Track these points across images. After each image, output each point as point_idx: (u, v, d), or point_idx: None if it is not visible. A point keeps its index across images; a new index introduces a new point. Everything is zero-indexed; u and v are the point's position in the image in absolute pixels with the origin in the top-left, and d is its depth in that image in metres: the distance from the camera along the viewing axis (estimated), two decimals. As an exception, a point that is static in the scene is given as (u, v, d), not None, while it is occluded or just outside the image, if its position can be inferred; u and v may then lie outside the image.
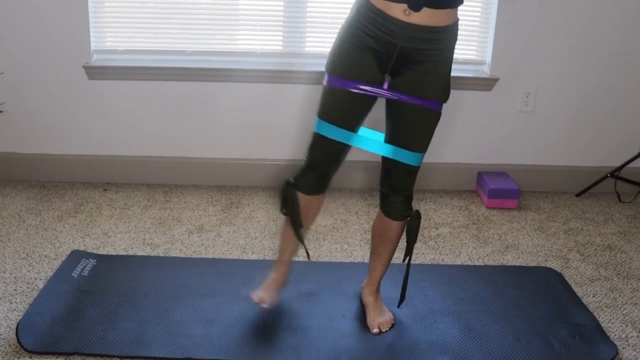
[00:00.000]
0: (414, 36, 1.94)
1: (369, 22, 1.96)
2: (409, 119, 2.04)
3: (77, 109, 3.42)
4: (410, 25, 1.92)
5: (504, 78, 3.43)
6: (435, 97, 2.03)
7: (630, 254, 2.92)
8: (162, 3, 3.36)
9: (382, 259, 2.30)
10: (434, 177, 3.57)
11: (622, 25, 3.37)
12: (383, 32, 1.95)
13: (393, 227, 2.21)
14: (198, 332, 2.20)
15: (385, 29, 1.94)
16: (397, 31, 1.93)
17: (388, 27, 1.94)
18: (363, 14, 1.97)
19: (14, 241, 2.82)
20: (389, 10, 1.92)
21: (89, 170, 3.50)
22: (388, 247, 2.26)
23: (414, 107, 2.02)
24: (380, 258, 2.30)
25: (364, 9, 1.97)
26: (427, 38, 1.94)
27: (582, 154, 3.60)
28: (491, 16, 3.37)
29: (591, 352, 2.16)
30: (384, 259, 2.29)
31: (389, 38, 1.95)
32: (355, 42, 1.99)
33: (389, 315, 2.31)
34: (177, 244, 2.86)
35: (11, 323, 2.22)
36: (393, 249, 2.27)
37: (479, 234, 3.06)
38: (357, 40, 1.99)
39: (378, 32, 1.95)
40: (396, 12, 1.91)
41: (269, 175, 3.50)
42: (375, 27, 1.95)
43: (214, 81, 3.39)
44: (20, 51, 3.31)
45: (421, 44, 1.95)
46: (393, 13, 1.92)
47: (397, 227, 2.21)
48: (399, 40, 1.94)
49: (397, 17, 1.92)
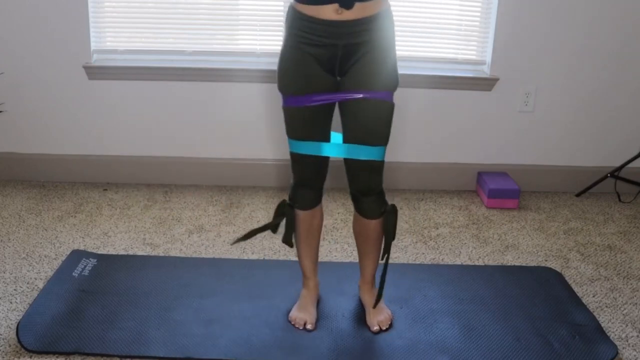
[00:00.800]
0: (352, 31, 1.95)
1: (305, 31, 1.97)
2: (364, 114, 2.03)
3: (77, 109, 3.42)
4: (345, 22, 1.93)
5: (504, 78, 3.43)
6: (384, 87, 2.02)
7: (630, 254, 2.92)
8: (162, 3, 3.36)
9: (370, 256, 2.29)
10: (434, 177, 3.57)
11: (623, 25, 3.37)
12: (321, 36, 1.96)
13: (372, 226, 2.20)
14: (198, 331, 2.20)
15: (324, 33, 1.95)
16: (334, 32, 1.95)
17: (325, 31, 1.95)
18: (297, 25, 1.99)
19: (14, 241, 2.82)
20: (320, 15, 1.93)
21: (89, 170, 3.50)
22: (372, 245, 2.25)
23: (365, 101, 2.01)
24: (368, 256, 2.29)
25: (297, 21, 1.98)
26: (363, 30, 1.95)
27: (582, 154, 3.60)
28: (491, 16, 3.37)
29: (591, 352, 2.16)
30: (371, 256, 2.29)
31: (328, 41, 1.96)
32: (297, 56, 2.00)
33: (388, 312, 2.31)
34: (177, 244, 2.86)
35: (11, 323, 2.22)
36: (378, 244, 2.26)
37: (479, 234, 3.06)
38: (299, 54, 2.00)
39: (317, 38, 1.96)
40: (328, 14, 1.92)
41: (268, 175, 3.50)
42: (312, 34, 1.97)
43: (214, 81, 3.39)
44: (20, 51, 3.31)
45: (360, 37, 1.96)
46: (325, 16, 1.93)
47: (375, 226, 2.20)
48: (338, 40, 1.96)
49: (331, 19, 1.93)
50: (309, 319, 2.26)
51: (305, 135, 2.08)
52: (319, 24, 1.95)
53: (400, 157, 3.52)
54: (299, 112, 2.06)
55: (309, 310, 2.29)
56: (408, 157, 3.54)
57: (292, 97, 2.05)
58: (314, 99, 2.03)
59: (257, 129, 3.47)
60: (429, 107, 3.47)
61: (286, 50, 2.04)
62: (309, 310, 2.29)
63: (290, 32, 2.02)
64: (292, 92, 2.05)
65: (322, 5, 1.92)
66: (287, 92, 2.06)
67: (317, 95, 2.03)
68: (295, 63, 2.02)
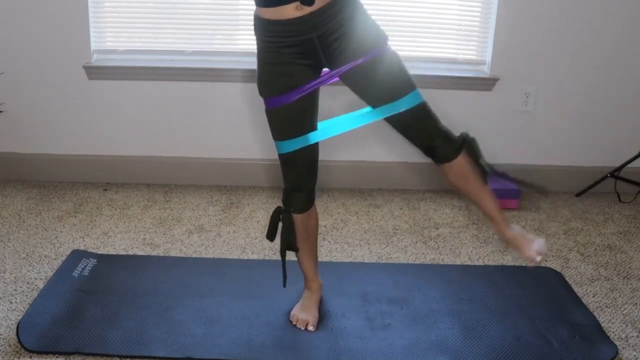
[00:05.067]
0: (320, 20, 1.93)
1: (275, 35, 1.97)
2: (374, 75, 1.98)
3: (77, 109, 3.42)
4: (309, 15, 1.91)
5: (504, 78, 3.43)
6: (374, 44, 1.97)
7: (630, 254, 2.92)
8: (162, 3, 3.36)
9: (484, 195, 2.15)
10: (434, 177, 3.56)
11: (623, 25, 3.37)
12: (292, 36, 1.95)
13: (460, 164, 2.09)
14: (198, 331, 2.20)
15: (292, 32, 1.94)
16: (302, 28, 1.93)
17: (293, 30, 1.94)
18: (265, 31, 1.98)
19: (14, 241, 2.82)
20: (283, 15, 1.92)
21: (89, 170, 3.50)
22: (476, 183, 2.13)
23: (365, 65, 1.97)
24: (482, 196, 2.16)
25: (264, 27, 1.98)
26: (331, 15, 1.93)
27: (582, 154, 3.60)
28: (491, 16, 3.37)
29: (591, 352, 2.16)
30: (485, 195, 2.15)
31: (301, 37, 1.95)
32: (274, 58, 2.00)
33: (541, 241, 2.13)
34: (177, 244, 2.86)
35: (11, 323, 2.22)
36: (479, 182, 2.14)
37: (479, 234, 3.06)
38: (275, 56, 2.00)
39: (288, 39, 1.96)
40: (290, 13, 1.91)
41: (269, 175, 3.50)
42: (282, 37, 1.96)
43: (214, 81, 3.39)
44: (20, 51, 3.31)
45: (330, 22, 1.93)
46: (288, 15, 1.92)
47: (464, 163, 2.09)
48: (310, 33, 1.94)
49: (294, 17, 1.91)
50: (311, 320, 2.26)
51: (292, 132, 2.07)
52: (285, 25, 1.94)
53: (400, 157, 3.52)
54: (282, 111, 2.05)
55: (312, 311, 2.29)
56: (408, 156, 3.54)
57: (272, 97, 2.05)
58: (295, 94, 2.01)
59: (257, 129, 3.46)
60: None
61: (263, 55, 2.03)
62: (312, 312, 2.29)
63: (261, 39, 2.02)
64: (272, 93, 2.04)
65: (282, 6, 1.90)
66: (268, 94, 2.05)
67: (297, 89, 2.01)
68: (272, 63, 2.01)
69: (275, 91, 2.04)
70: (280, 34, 1.96)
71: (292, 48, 1.97)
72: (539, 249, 2.11)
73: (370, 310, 2.35)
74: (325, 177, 2.27)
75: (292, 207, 2.19)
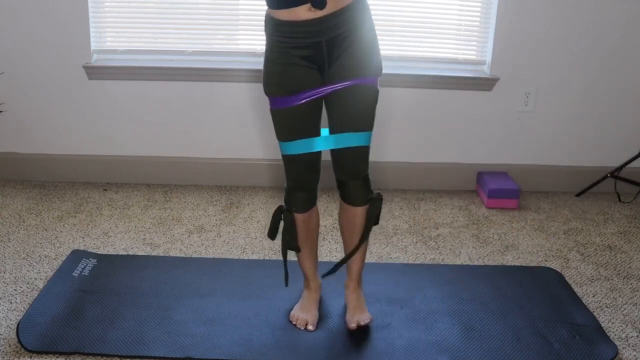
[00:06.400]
0: (330, 25, 1.95)
1: (286, 36, 1.98)
2: (352, 100, 2.04)
3: (76, 109, 3.42)
4: (321, 18, 1.94)
5: (504, 78, 3.43)
6: (374, 73, 2.04)
7: (630, 254, 2.92)
8: (162, 3, 3.36)
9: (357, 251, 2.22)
10: (434, 177, 3.57)
11: (622, 25, 3.37)
12: (302, 37, 1.97)
13: (358, 214, 2.17)
14: (198, 331, 2.20)
15: (303, 34, 1.96)
16: (313, 30, 1.95)
17: (304, 31, 1.96)
18: (276, 31, 2.00)
19: (14, 241, 2.82)
20: (295, 17, 1.94)
21: (89, 170, 3.50)
22: (357, 237, 2.20)
23: (355, 88, 2.03)
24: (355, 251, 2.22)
25: (275, 27, 1.99)
26: (342, 21, 1.96)
27: (582, 154, 3.60)
28: (491, 16, 3.37)
29: (591, 352, 2.16)
30: (358, 250, 2.22)
31: (310, 40, 1.97)
32: (282, 58, 2.01)
33: (368, 315, 2.25)
34: (177, 244, 2.86)
35: (11, 323, 2.22)
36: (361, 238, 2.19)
37: (479, 234, 3.06)
38: (284, 56, 2.01)
39: (298, 40, 1.97)
40: (303, 15, 1.93)
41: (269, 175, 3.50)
42: (293, 38, 1.98)
43: (214, 81, 3.39)
44: (20, 51, 3.31)
45: (340, 28, 1.97)
46: (300, 17, 1.94)
47: (362, 213, 2.17)
48: (320, 36, 1.97)
49: (306, 18, 1.94)
50: (310, 320, 2.26)
51: (296, 134, 2.08)
52: (297, 26, 1.95)
53: (400, 157, 3.52)
54: (287, 113, 2.06)
55: (311, 311, 2.29)
56: (408, 157, 3.54)
57: (278, 97, 2.05)
58: (302, 97, 2.03)
59: (257, 129, 3.47)
60: (429, 107, 3.47)
61: (272, 54, 2.04)
62: (311, 312, 2.29)
63: (271, 39, 2.03)
64: (279, 93, 2.05)
65: (294, 7, 1.92)
66: (275, 94, 2.06)
67: (304, 93, 2.03)
68: (281, 63, 2.02)
69: (281, 91, 2.05)
70: (292, 34, 1.97)
71: (301, 50, 1.99)
72: (359, 320, 2.21)
73: (370, 310, 2.34)
74: (325, 177, 2.26)
75: (294, 207, 2.19)
